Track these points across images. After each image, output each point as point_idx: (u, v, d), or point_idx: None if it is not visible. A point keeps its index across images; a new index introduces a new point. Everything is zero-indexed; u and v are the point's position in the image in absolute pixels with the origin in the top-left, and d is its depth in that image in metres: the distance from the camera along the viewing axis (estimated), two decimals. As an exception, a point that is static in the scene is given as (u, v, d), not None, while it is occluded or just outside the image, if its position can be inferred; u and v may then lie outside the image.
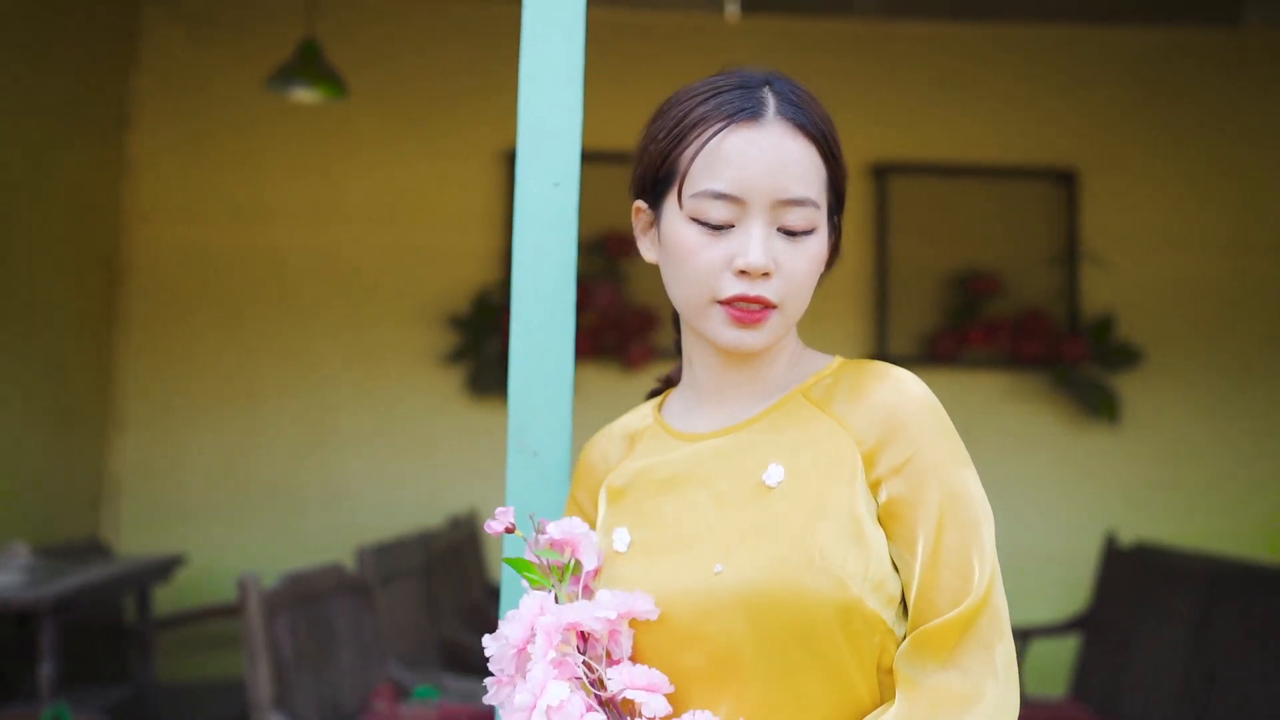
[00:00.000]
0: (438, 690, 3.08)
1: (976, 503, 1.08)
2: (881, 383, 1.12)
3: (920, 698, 1.02)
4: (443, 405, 5.02)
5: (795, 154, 1.09)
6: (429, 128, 5.08)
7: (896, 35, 5.26)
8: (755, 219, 1.09)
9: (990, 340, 5.05)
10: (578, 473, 1.28)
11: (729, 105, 1.10)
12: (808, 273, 1.11)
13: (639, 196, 1.20)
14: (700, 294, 1.11)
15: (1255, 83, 5.26)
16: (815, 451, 1.10)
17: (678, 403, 1.24)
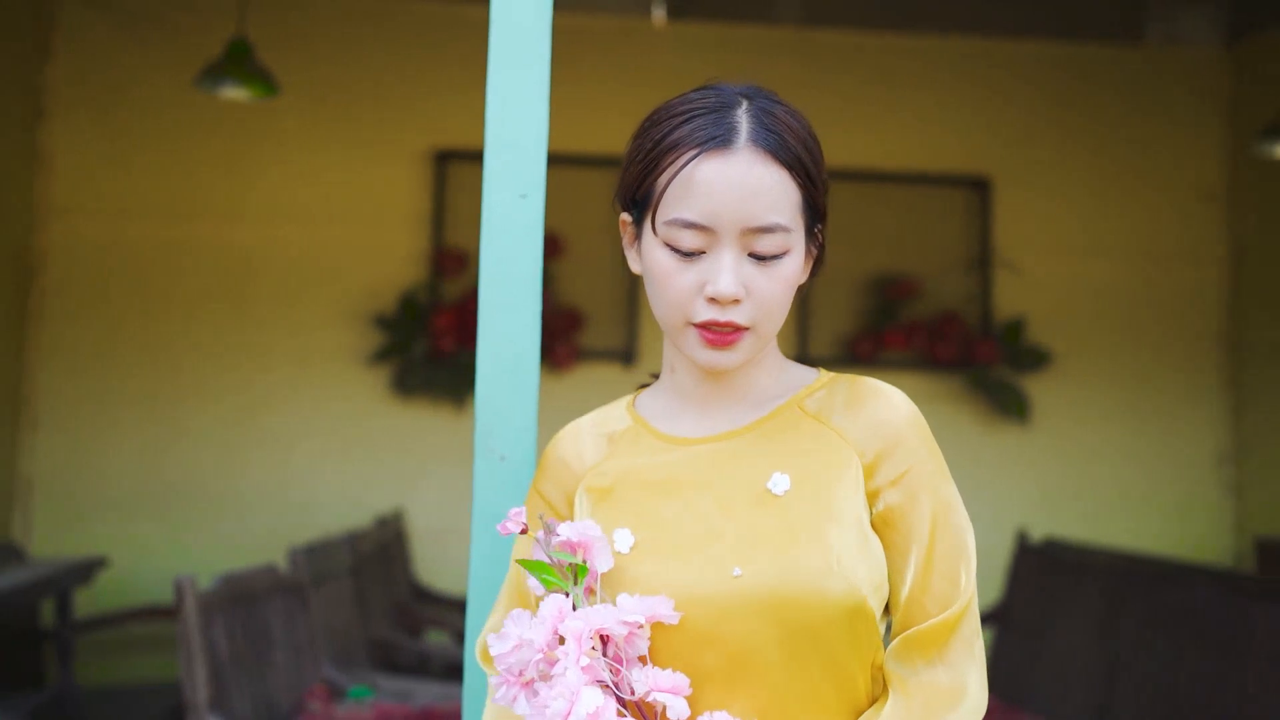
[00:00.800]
0: (371, 690, 3.09)
1: (962, 513, 1.16)
2: (879, 399, 1.18)
3: (914, 695, 1.09)
4: (368, 405, 5.00)
5: (766, 182, 1.11)
6: (357, 127, 5.06)
7: (818, 43, 5.37)
8: (725, 247, 1.11)
9: (907, 343, 5.19)
10: (545, 469, 1.26)
11: (701, 133, 1.12)
12: (779, 294, 1.14)
13: (625, 209, 1.22)
14: (676, 316, 1.14)
15: (1156, 98, 5.49)
16: (818, 461, 1.15)
17: (658, 405, 1.25)
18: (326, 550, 3.45)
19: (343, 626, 3.49)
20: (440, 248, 5.04)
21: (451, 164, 5.11)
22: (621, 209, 1.22)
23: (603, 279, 5.15)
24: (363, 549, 3.90)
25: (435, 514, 5.00)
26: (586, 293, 5.11)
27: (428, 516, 4.99)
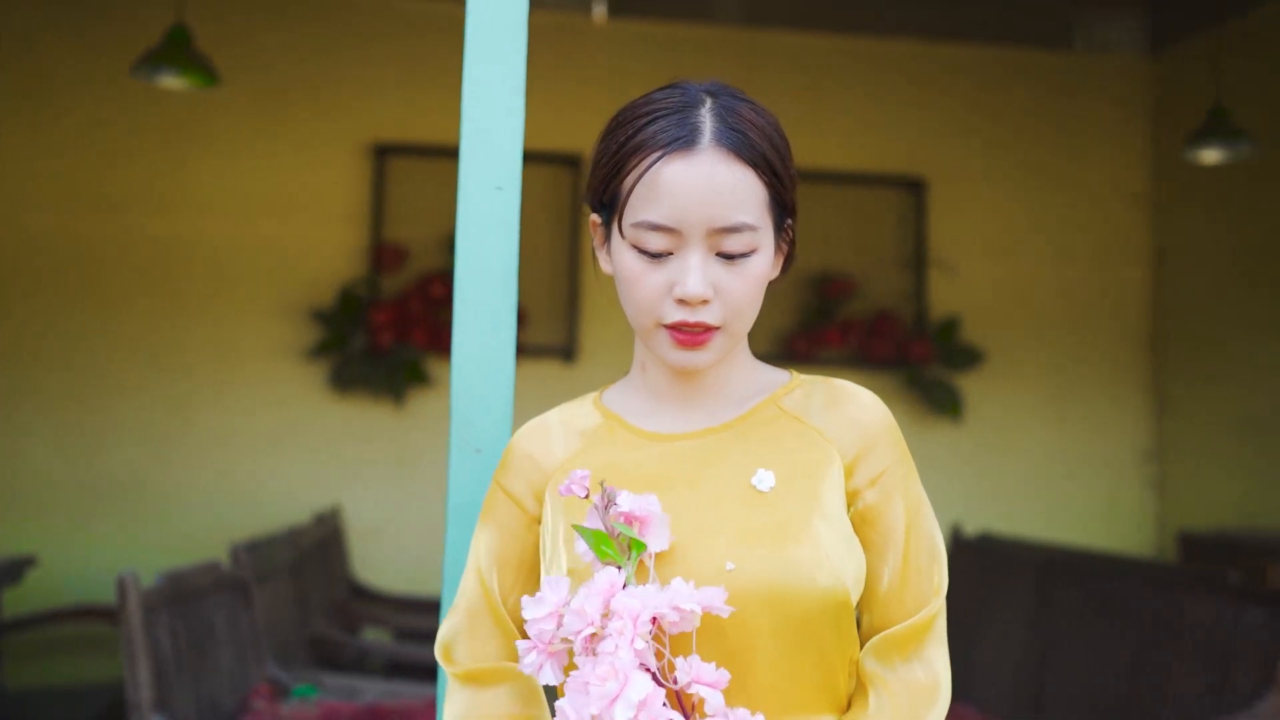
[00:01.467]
0: (316, 688, 3.05)
1: (932, 512, 1.20)
2: (856, 400, 1.20)
3: (896, 693, 1.12)
4: (305, 400, 4.94)
5: (731, 181, 1.11)
6: (295, 119, 4.99)
7: (757, 43, 5.42)
8: (693, 248, 1.11)
9: (844, 341, 5.27)
10: (510, 464, 1.24)
11: (665, 134, 1.12)
12: (748, 293, 1.14)
13: (595, 210, 1.21)
14: (645, 318, 1.15)
15: (1084, 103, 5.64)
16: (802, 458, 1.16)
17: (631, 402, 1.25)
18: (268, 547, 3.41)
19: (284, 624, 3.44)
20: (379, 242, 4.99)
21: (390, 158, 5.06)
22: (591, 210, 1.22)
23: (543, 276, 5.15)
24: (303, 546, 3.86)
25: (373, 510, 4.96)
26: (526, 290, 5.06)
27: (365, 513, 4.94)
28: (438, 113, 5.10)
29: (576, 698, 0.97)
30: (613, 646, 0.96)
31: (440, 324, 4.97)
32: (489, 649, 1.19)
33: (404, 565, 4.95)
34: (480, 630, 1.19)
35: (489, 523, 1.23)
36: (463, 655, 1.19)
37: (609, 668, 0.95)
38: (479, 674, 1.18)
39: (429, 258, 5.05)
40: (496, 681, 1.17)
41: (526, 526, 1.21)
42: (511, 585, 1.21)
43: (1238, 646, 3.06)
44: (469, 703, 1.17)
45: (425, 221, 5.05)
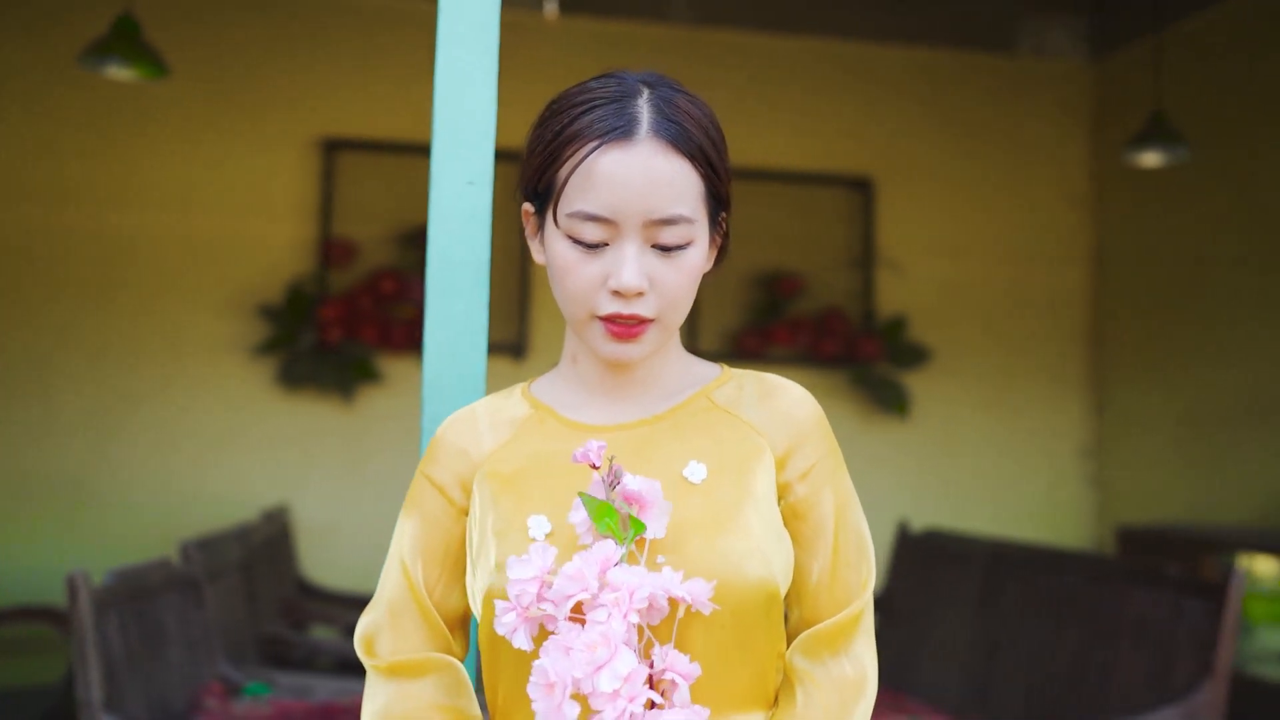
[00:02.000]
0: (268, 687, 3.03)
1: (860, 507, 1.21)
2: (788, 394, 1.21)
3: (824, 689, 1.12)
4: (252, 397, 4.88)
5: (667, 173, 1.10)
6: (244, 113, 4.93)
7: (708, 42, 5.45)
8: (628, 239, 1.10)
9: (793, 339, 5.31)
10: (437, 454, 1.22)
11: (602, 123, 1.10)
12: (683, 285, 1.13)
13: (527, 199, 1.19)
14: (579, 309, 1.13)
15: (1026, 106, 5.74)
16: (733, 451, 1.16)
17: (562, 393, 1.23)
18: (218, 545, 3.37)
19: (234, 622, 3.41)
20: (328, 238, 4.95)
21: (340, 153, 5.02)
22: (524, 199, 1.20)
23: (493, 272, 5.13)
24: (253, 543, 3.82)
25: (322, 508, 4.92)
26: (477, 286, 5.09)
27: (314, 510, 4.90)
28: (388, 108, 5.08)
29: (558, 660, 0.96)
30: (605, 616, 0.96)
31: (391, 321, 4.93)
32: (413, 641, 1.17)
33: (353, 563, 4.91)
34: (404, 623, 1.17)
35: (413, 513, 1.21)
36: (385, 648, 1.17)
37: (599, 636, 0.95)
38: (403, 666, 1.15)
39: (379, 254, 5.01)
40: (422, 673, 1.15)
41: (453, 518, 1.19)
42: (437, 577, 1.19)
43: (1178, 637, 3.14)
44: (394, 695, 1.15)
45: (375, 217, 5.02)
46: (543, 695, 0.96)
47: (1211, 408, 5.01)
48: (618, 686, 0.94)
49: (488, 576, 1.12)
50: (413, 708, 1.14)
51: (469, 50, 1.44)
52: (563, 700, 0.95)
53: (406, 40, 5.11)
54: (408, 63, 5.11)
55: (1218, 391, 4.99)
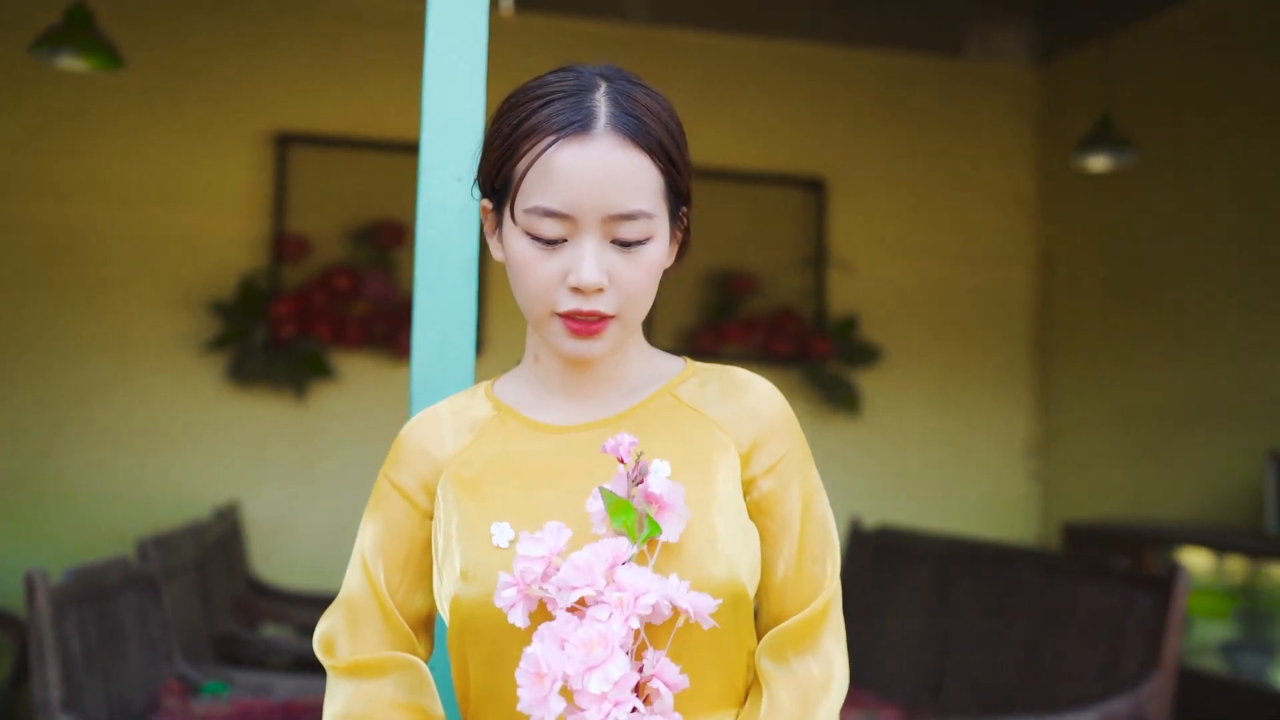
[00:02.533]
0: (226, 685, 3.00)
1: (826, 501, 1.19)
2: (752, 389, 1.19)
3: (789, 689, 1.10)
4: (203, 394, 4.82)
5: (626, 167, 1.08)
6: (196, 105, 4.87)
7: (665, 42, 5.47)
8: (587, 235, 1.08)
9: (746, 337, 5.36)
10: (400, 457, 1.20)
11: (559, 118, 1.08)
12: (643, 281, 1.11)
13: (485, 195, 1.18)
14: (539, 306, 1.11)
15: (975, 109, 5.83)
16: (696, 448, 1.14)
17: (523, 393, 1.22)
18: (174, 542, 3.33)
19: (190, 621, 3.37)
20: (280, 233, 4.90)
21: (292, 147, 4.97)
22: (482, 195, 1.19)
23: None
24: (206, 541, 3.78)
25: (273, 506, 4.87)
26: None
27: (265, 508, 4.85)
28: (341, 103, 5.04)
29: (550, 651, 0.95)
30: (606, 615, 0.95)
31: (344, 318, 4.90)
32: (374, 642, 1.15)
33: (304, 561, 4.88)
34: (364, 624, 1.16)
35: (376, 516, 1.19)
36: (345, 649, 1.15)
37: (597, 635, 0.94)
38: (363, 665, 1.14)
39: (332, 250, 4.97)
40: (382, 672, 1.14)
41: (417, 522, 1.18)
42: (399, 581, 1.17)
43: (1126, 629, 3.22)
44: (353, 694, 1.13)
45: (328, 213, 4.98)
46: (530, 683, 0.95)
47: (1153, 407, 5.13)
48: (607, 690, 0.93)
49: (453, 584, 1.10)
50: (372, 706, 1.12)
51: (457, 45, 1.45)
52: (550, 693, 0.94)
53: (361, 35, 5.08)
54: (362, 58, 5.08)
55: (1159, 391, 5.11)
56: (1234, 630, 4.37)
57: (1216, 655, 4.29)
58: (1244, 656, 4.23)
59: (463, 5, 1.45)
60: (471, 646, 1.10)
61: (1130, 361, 5.29)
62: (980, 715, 3.52)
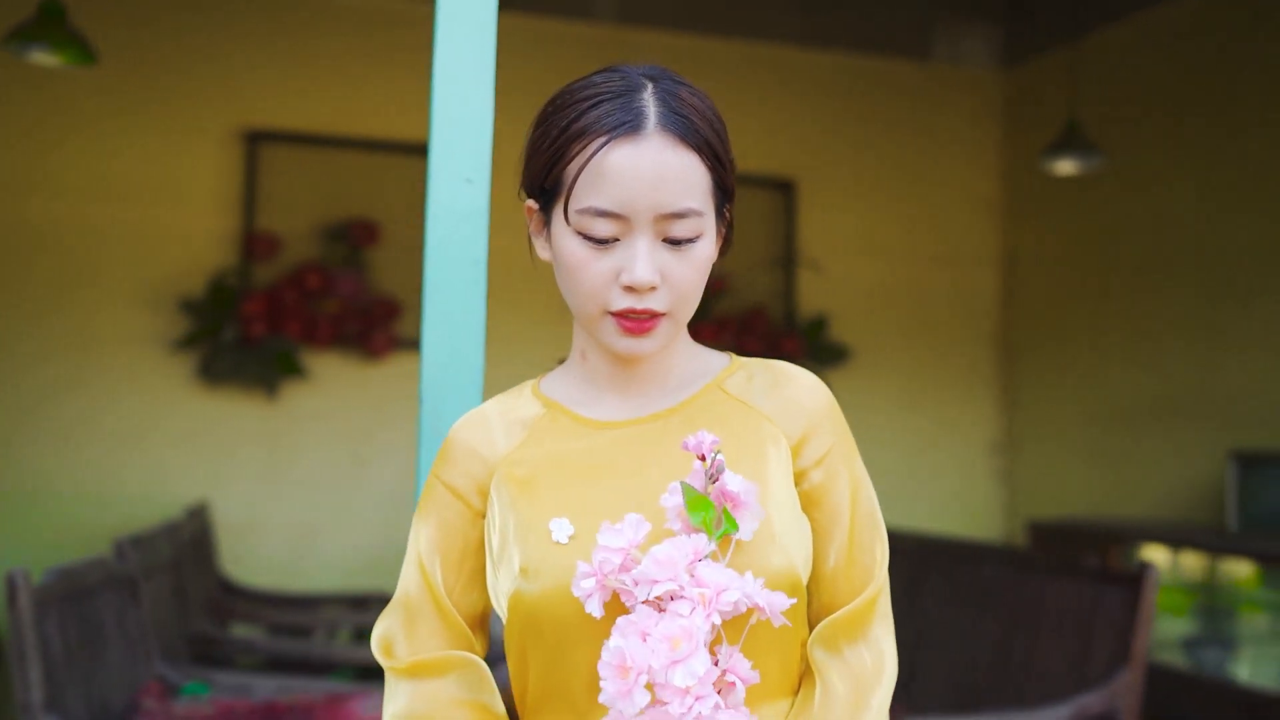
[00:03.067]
0: (206, 686, 2.98)
1: (873, 491, 1.21)
2: (800, 382, 1.21)
3: (843, 678, 1.12)
4: (171, 392, 4.77)
5: (677, 167, 1.09)
6: (166, 102, 4.82)
7: (633, 42, 5.49)
8: (640, 234, 1.09)
9: (717, 337, 5.38)
10: (451, 457, 1.21)
11: (610, 119, 1.09)
12: (694, 279, 1.13)
13: (531, 196, 1.19)
14: (591, 306, 1.12)
15: (941, 112, 5.90)
16: (749, 442, 1.15)
17: (572, 390, 1.23)
18: (151, 542, 3.30)
19: (166, 621, 3.35)
20: (251, 231, 4.86)
21: (263, 145, 4.94)
22: (527, 196, 1.19)
23: (419, 269, 5.09)
24: (180, 541, 3.75)
25: (243, 506, 4.83)
26: (404, 281, 5.05)
27: (235, 508, 4.81)
28: (312, 100, 5.01)
29: (634, 645, 0.96)
30: (688, 610, 0.96)
31: (316, 316, 4.87)
32: (433, 642, 1.16)
33: (274, 561, 4.85)
34: (423, 624, 1.16)
35: (429, 516, 1.20)
36: (404, 650, 1.16)
37: (680, 630, 0.95)
38: (424, 665, 1.15)
39: (303, 248, 4.94)
40: (444, 671, 1.14)
41: (470, 521, 1.19)
42: (455, 580, 1.18)
43: (1095, 626, 3.28)
44: (415, 694, 1.14)
45: (299, 211, 4.95)
46: (614, 676, 0.95)
47: (1116, 406, 5.23)
48: (691, 685, 0.94)
49: (512, 580, 1.11)
50: (435, 706, 1.13)
51: (466, 48, 1.46)
52: (635, 687, 0.94)
53: (333, 33, 5.06)
54: (333, 56, 5.06)
55: (1122, 391, 5.20)
56: (1195, 626, 4.46)
57: (1179, 650, 4.37)
58: (1205, 651, 4.32)
59: (471, 9, 1.46)
60: (533, 642, 1.10)
61: (1094, 362, 5.38)
62: (952, 712, 3.57)
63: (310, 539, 4.93)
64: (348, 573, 4.91)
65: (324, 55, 5.03)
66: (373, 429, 5.01)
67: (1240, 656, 4.26)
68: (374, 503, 5.00)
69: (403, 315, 5.00)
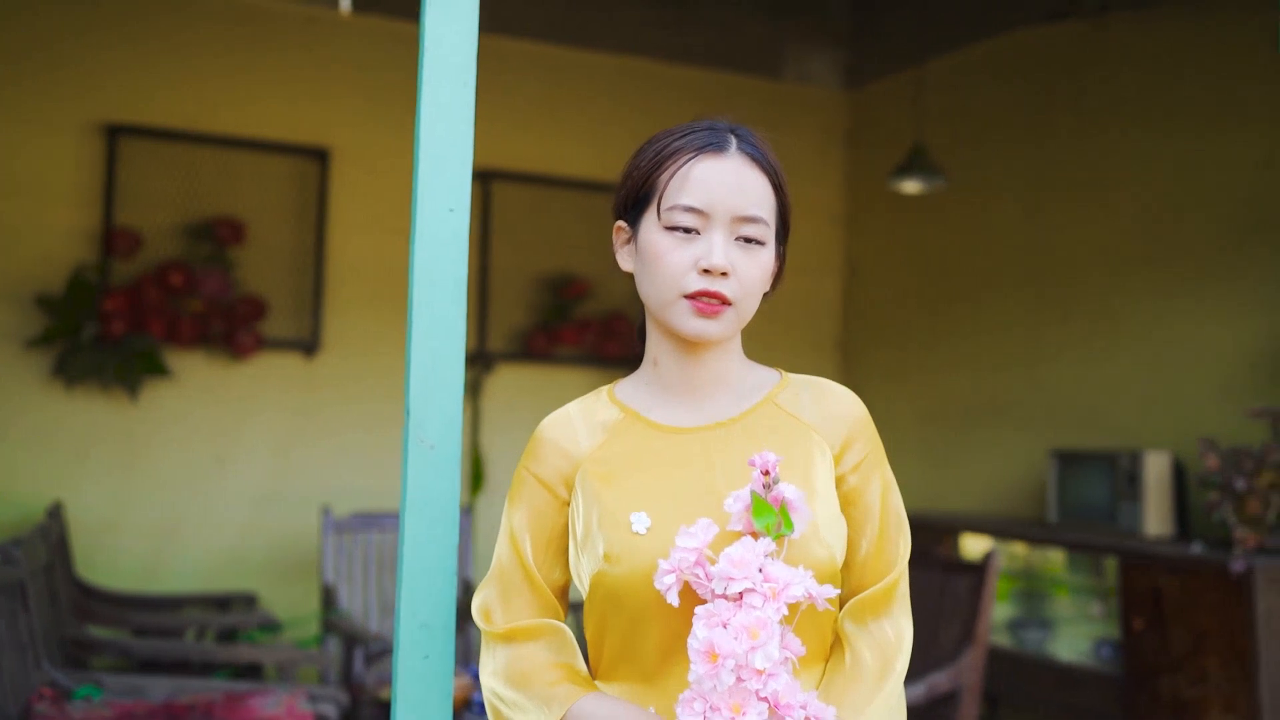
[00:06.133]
0: (99, 689, 2.98)
1: (897, 490, 1.42)
2: (839, 397, 1.41)
3: (869, 648, 1.32)
4: (26, 392, 4.63)
5: (751, 181, 1.33)
6: (23, 94, 4.67)
7: (501, 50, 5.58)
8: (717, 229, 1.31)
9: (579, 339, 5.55)
10: (539, 453, 1.39)
11: (699, 140, 1.35)
12: (758, 278, 1.34)
13: (620, 218, 1.43)
14: (670, 289, 1.32)
15: (790, 128, 6.21)
16: (800, 449, 1.35)
17: (643, 397, 1.41)
18: (31, 545, 3.25)
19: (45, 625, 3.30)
20: (110, 227, 4.76)
21: (124, 139, 4.84)
22: (617, 218, 1.44)
23: (285, 268, 5.09)
24: (51, 543, 3.68)
25: (100, 507, 4.72)
26: (269, 281, 5.03)
27: (92, 510, 4.70)
28: (175, 96, 4.94)
29: (720, 635, 1.12)
30: (760, 602, 1.14)
31: (179, 315, 4.80)
32: (526, 610, 1.36)
33: (132, 563, 4.76)
34: (516, 595, 1.36)
35: (521, 503, 1.38)
36: (500, 616, 1.36)
37: (756, 621, 1.12)
38: (519, 631, 1.34)
39: (164, 245, 4.87)
40: (536, 636, 1.34)
41: (557, 509, 1.38)
42: (543, 558, 1.37)
43: (945, 609, 3.60)
44: (512, 656, 1.33)
45: (161, 207, 4.87)
46: (703, 661, 1.12)
47: (947, 408, 5.64)
48: (768, 668, 1.12)
49: (596, 563, 1.30)
50: (530, 666, 1.32)
51: (450, 88, 1.58)
52: (722, 670, 1.11)
53: (195, 28, 4.99)
54: (196, 50, 4.99)
55: (953, 393, 5.62)
56: (1017, 609, 4.89)
57: (1004, 632, 4.79)
58: (1027, 632, 4.75)
59: (456, 45, 1.58)
60: (613, 614, 1.30)
61: (927, 366, 5.79)
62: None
63: (170, 540, 4.86)
64: (209, 574, 4.86)
65: (187, 50, 4.96)
66: (235, 429, 4.97)
67: (1056, 635, 4.70)
68: (235, 503, 4.96)
69: (268, 314, 4.98)
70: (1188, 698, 3.94)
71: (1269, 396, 4.13)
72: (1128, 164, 4.85)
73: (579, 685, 1.31)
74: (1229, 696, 3.81)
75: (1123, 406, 4.76)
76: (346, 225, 5.19)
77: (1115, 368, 4.83)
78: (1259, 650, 3.74)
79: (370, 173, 5.24)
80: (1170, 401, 4.58)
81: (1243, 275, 4.38)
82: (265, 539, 4.99)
